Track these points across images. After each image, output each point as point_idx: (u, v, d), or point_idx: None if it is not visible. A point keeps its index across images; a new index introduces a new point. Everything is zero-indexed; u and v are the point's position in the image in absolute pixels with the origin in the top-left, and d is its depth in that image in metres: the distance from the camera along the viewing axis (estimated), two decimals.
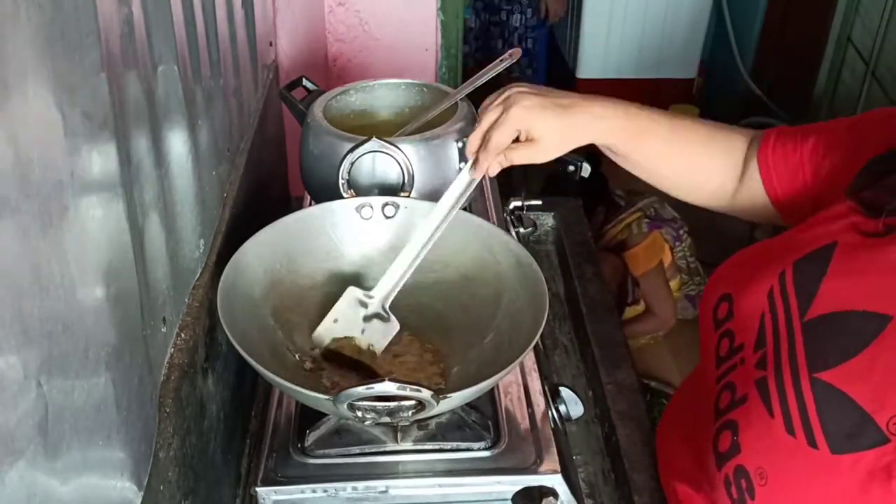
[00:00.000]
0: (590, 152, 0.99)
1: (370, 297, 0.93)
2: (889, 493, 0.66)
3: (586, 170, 1.06)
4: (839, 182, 0.83)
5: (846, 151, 0.84)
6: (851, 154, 0.83)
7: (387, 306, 0.92)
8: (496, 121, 0.86)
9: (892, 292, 0.72)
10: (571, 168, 1.06)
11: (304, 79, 1.23)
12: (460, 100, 1.16)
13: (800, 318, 0.77)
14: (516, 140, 0.87)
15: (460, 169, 1.08)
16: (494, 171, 0.89)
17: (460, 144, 1.08)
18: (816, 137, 0.88)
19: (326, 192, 1.04)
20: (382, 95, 1.23)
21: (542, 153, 0.87)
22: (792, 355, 0.75)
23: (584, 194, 2.46)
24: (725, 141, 0.95)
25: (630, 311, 2.51)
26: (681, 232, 2.57)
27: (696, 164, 0.96)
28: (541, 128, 0.85)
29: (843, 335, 0.73)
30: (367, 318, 0.92)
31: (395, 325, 0.93)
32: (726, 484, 0.78)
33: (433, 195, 1.06)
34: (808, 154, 0.88)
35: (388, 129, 1.17)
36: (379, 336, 0.92)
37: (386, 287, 0.92)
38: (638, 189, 2.67)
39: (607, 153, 0.95)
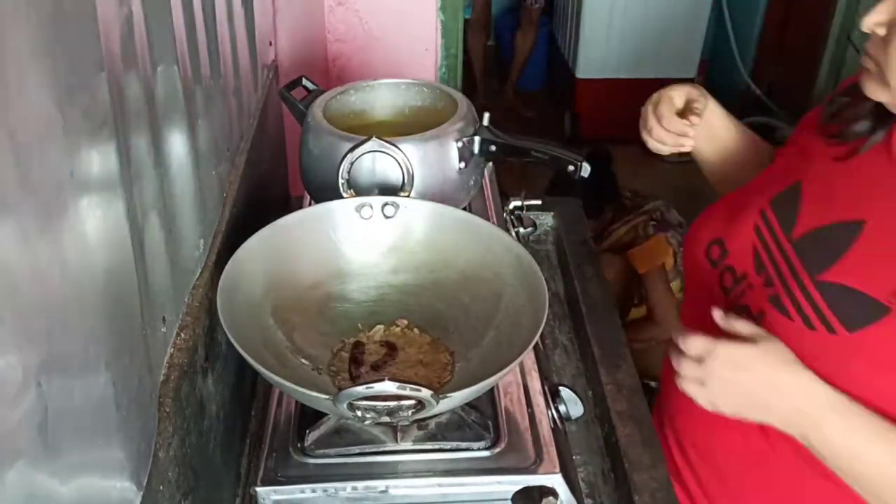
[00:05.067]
0: (599, 152, 1.02)
1: None
2: None
3: (586, 169, 1.06)
4: None
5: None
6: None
7: None
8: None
9: (861, 200, 0.86)
10: (571, 168, 1.06)
11: (303, 78, 1.23)
12: (460, 99, 1.16)
13: (787, 240, 0.91)
14: None
15: (460, 170, 1.08)
16: None
17: (460, 144, 1.08)
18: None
19: (326, 192, 1.04)
20: (382, 95, 1.23)
21: None
22: (792, 270, 0.89)
23: (594, 194, 2.47)
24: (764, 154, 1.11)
25: (635, 313, 2.52)
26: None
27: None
28: None
29: (829, 243, 0.87)
30: None
31: None
32: None
33: (433, 195, 1.06)
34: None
35: (387, 129, 1.17)
36: None
37: None
38: (645, 191, 2.68)
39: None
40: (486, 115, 1.11)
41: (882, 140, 0.86)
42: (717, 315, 0.84)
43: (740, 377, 0.80)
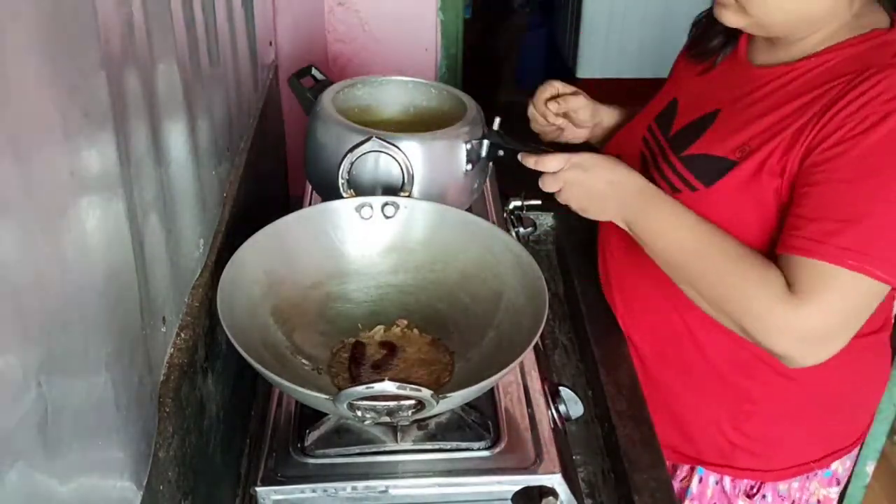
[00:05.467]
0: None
1: None
2: (752, 196, 0.98)
3: None
4: None
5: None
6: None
7: None
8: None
9: (717, 96, 1.08)
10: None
11: (312, 68, 1.22)
12: (468, 101, 1.16)
13: (665, 139, 1.11)
14: None
15: (466, 172, 1.09)
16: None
17: (469, 146, 1.08)
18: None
19: (330, 182, 1.03)
20: (390, 92, 1.23)
21: None
22: (664, 156, 1.09)
23: None
24: None
25: None
26: None
27: None
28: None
29: (693, 130, 1.07)
30: None
31: None
32: None
33: (434, 195, 1.06)
34: None
35: (393, 127, 1.17)
36: None
37: None
38: None
39: None
40: (497, 120, 1.11)
41: (731, 52, 1.10)
42: (530, 161, 1.04)
43: (585, 177, 1.02)
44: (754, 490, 1.17)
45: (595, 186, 1.02)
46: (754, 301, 0.93)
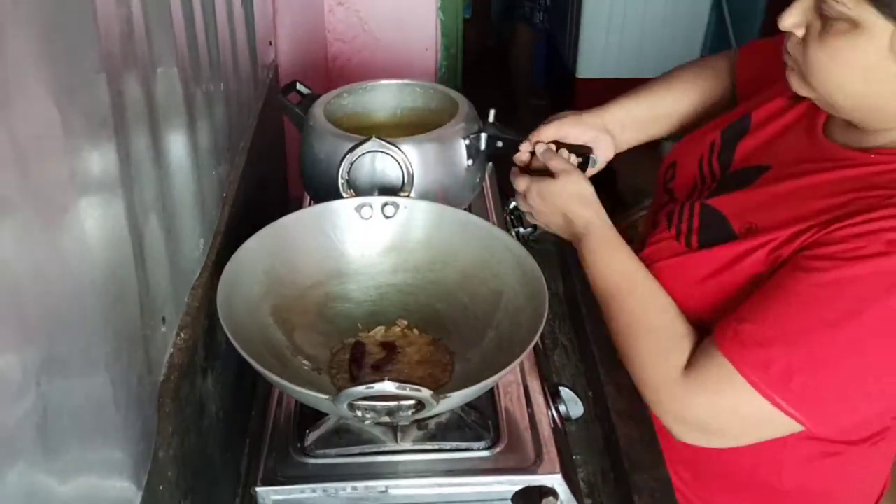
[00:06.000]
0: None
1: None
2: (730, 275, 0.90)
3: (594, 161, 1.08)
4: None
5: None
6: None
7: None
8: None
9: (776, 147, 0.97)
10: (580, 160, 1.07)
11: (297, 83, 1.22)
12: (459, 98, 1.16)
13: (721, 174, 1.02)
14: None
15: (467, 167, 1.09)
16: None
17: (467, 142, 1.08)
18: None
19: (328, 193, 1.04)
20: (378, 97, 1.23)
21: None
22: (696, 196, 1.02)
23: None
24: (713, 79, 1.18)
25: None
26: None
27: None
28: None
29: (737, 180, 0.98)
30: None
31: None
32: None
33: (437, 194, 1.06)
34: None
35: (387, 131, 1.17)
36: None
37: None
38: (645, 189, 2.67)
39: None
40: (492, 112, 1.11)
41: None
42: (539, 148, 1.06)
43: (545, 205, 1.04)
44: None
45: (554, 215, 1.03)
46: (647, 368, 0.91)
